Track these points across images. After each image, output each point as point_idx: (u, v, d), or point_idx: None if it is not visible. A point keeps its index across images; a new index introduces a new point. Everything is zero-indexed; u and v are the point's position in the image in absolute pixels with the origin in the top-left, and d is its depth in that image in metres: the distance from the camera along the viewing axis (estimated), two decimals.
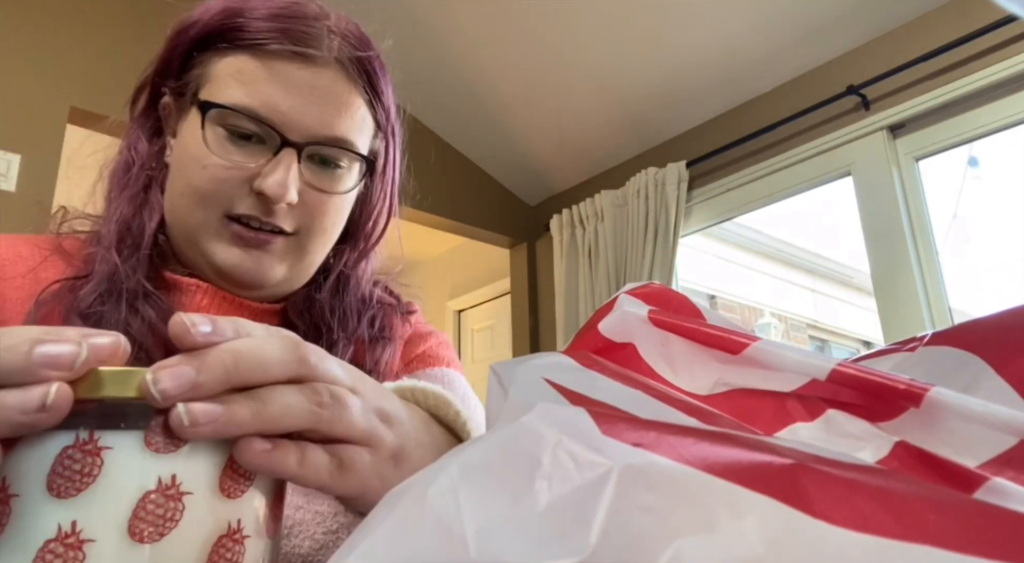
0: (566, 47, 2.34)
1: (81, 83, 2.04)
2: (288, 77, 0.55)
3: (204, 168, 0.54)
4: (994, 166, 3.61)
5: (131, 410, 0.23)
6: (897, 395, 0.28)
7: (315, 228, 0.58)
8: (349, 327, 0.63)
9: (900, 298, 1.90)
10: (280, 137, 0.54)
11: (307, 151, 0.56)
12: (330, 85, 0.57)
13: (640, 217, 2.45)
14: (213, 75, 0.57)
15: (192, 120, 0.57)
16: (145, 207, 0.58)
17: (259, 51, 0.55)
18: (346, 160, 0.59)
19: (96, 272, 0.55)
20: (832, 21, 2.02)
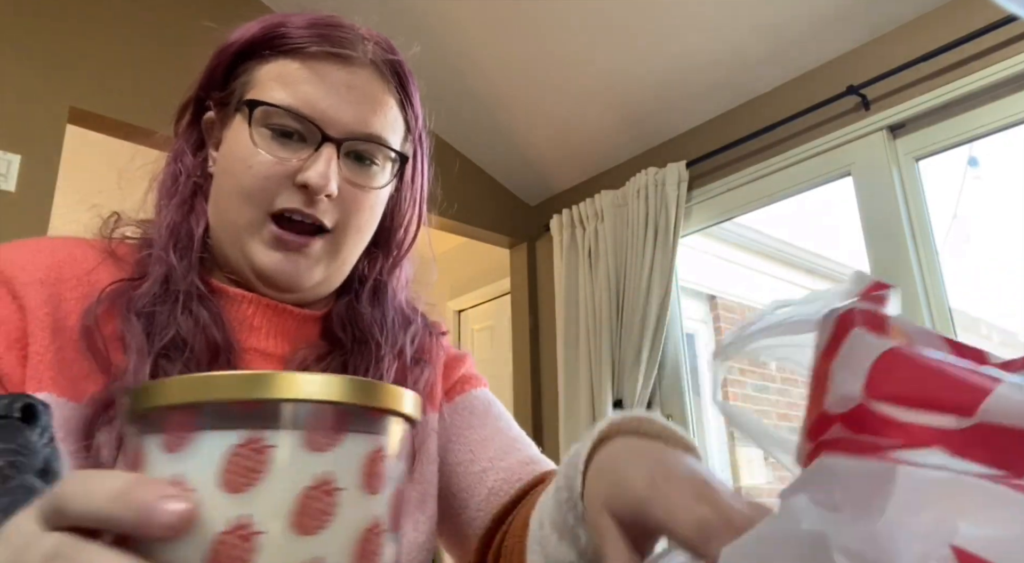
0: (566, 47, 2.34)
1: (81, 83, 2.04)
2: (327, 77, 0.59)
3: (250, 167, 0.58)
4: (994, 166, 3.61)
5: (288, 411, 0.25)
6: None
7: (351, 225, 0.61)
8: (391, 341, 0.66)
9: (900, 298, 1.90)
10: (321, 133, 0.58)
11: (345, 147, 0.59)
12: (365, 85, 0.61)
13: (640, 217, 2.45)
14: (257, 81, 0.61)
15: (237, 125, 0.60)
16: (192, 214, 0.62)
17: (300, 54, 0.60)
18: (380, 158, 0.62)
19: (151, 273, 0.58)
20: (832, 21, 2.02)
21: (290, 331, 0.64)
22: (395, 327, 0.68)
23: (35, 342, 0.52)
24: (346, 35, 0.61)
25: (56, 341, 0.52)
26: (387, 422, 0.27)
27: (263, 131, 0.59)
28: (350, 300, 0.67)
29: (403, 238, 0.72)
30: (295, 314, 0.64)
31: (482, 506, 0.65)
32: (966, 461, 0.22)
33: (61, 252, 0.58)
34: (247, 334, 0.61)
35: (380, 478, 0.26)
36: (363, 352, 0.64)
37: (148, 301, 0.56)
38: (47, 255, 0.57)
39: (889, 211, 1.96)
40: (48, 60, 2.01)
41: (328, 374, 0.25)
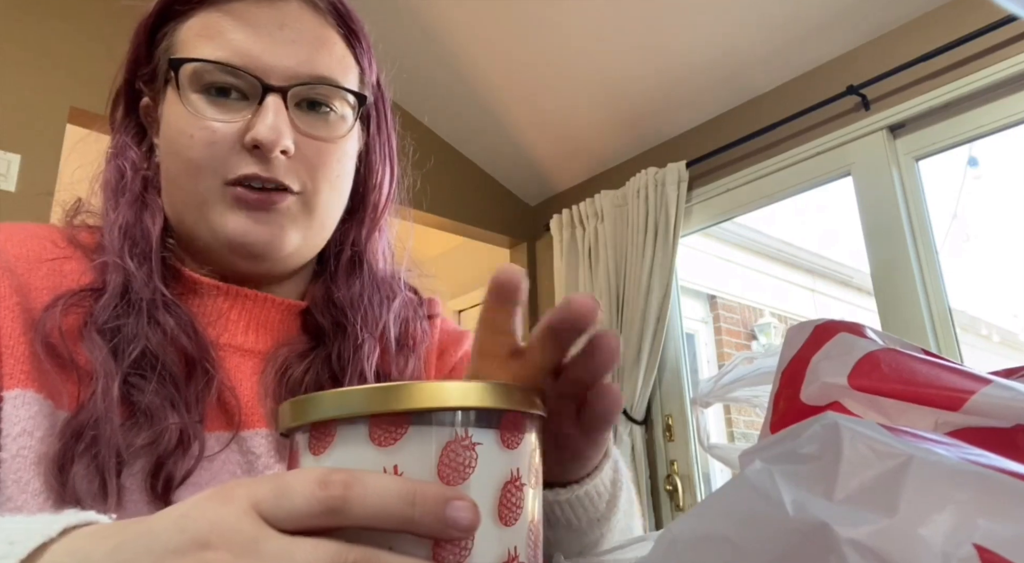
0: (566, 47, 2.34)
1: (81, 83, 2.04)
2: (252, 19, 0.53)
3: (192, 137, 0.52)
4: (994, 166, 3.61)
5: (486, 414, 0.28)
6: None
7: (319, 181, 0.55)
8: (370, 322, 0.60)
9: (900, 298, 1.90)
10: (261, 83, 0.52)
11: (292, 94, 0.53)
12: (298, 20, 0.55)
13: (640, 217, 2.45)
14: (179, 41, 0.55)
15: (171, 98, 0.55)
16: (146, 210, 0.56)
17: (219, 2, 0.54)
18: (337, 103, 0.56)
19: (109, 283, 0.52)
20: (832, 21, 2.02)
21: (271, 324, 0.58)
22: (374, 305, 0.61)
23: (6, 334, 0.48)
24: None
25: (28, 333, 0.48)
26: (536, 422, 0.31)
27: (198, 96, 0.53)
28: (325, 279, 0.62)
29: (378, 199, 0.64)
30: (276, 304, 0.58)
31: None
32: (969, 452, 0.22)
33: (31, 239, 0.54)
34: (223, 329, 0.56)
35: (538, 474, 0.30)
36: (343, 340, 0.58)
37: (110, 315, 0.51)
38: (16, 243, 0.53)
39: (889, 211, 1.97)
40: (48, 60, 2.01)
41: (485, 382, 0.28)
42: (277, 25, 0.54)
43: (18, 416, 0.46)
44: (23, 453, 0.45)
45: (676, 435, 2.39)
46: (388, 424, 0.26)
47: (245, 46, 0.52)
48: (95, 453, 0.46)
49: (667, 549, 0.24)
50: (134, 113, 0.61)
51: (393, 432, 0.26)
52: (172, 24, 0.56)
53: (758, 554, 0.21)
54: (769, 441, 0.25)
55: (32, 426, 0.46)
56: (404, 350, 0.63)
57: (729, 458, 0.54)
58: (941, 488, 0.20)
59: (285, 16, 0.54)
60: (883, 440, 0.22)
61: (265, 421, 0.55)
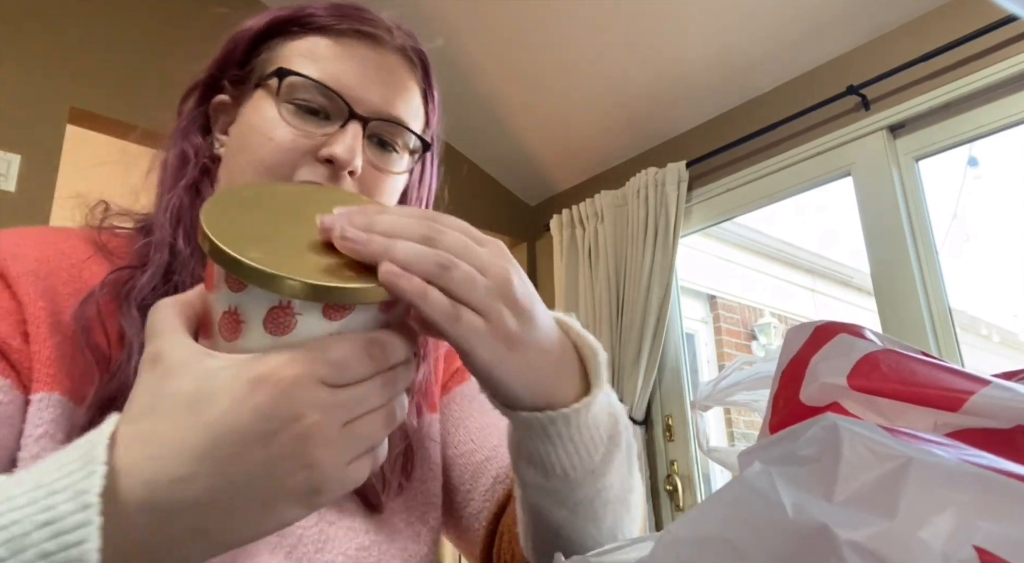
0: (566, 47, 2.34)
1: (81, 83, 2.04)
2: (357, 55, 0.59)
3: (271, 139, 0.56)
4: (994, 166, 3.61)
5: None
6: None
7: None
8: None
9: (900, 298, 1.90)
10: (348, 109, 0.57)
11: (370, 127, 0.58)
12: (394, 68, 0.61)
13: (640, 217, 2.45)
14: (282, 57, 0.60)
15: (258, 100, 0.59)
16: (199, 198, 0.59)
17: (329, 32, 0.60)
18: (400, 144, 0.61)
19: (152, 261, 0.55)
20: (832, 21, 2.02)
21: None
22: None
23: (34, 337, 0.49)
24: (375, 19, 0.62)
25: (54, 336, 0.50)
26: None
27: (288, 106, 0.57)
28: None
29: None
30: None
31: (487, 496, 0.63)
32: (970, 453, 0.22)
33: (49, 244, 0.55)
34: None
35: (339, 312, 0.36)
36: None
37: (150, 292, 0.53)
38: (34, 246, 0.54)
39: (889, 211, 1.97)
40: (48, 60, 2.01)
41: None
42: (376, 66, 0.60)
43: (41, 418, 0.47)
44: (43, 455, 0.46)
45: (676, 435, 2.39)
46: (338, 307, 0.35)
47: (343, 74, 0.58)
48: None
49: (667, 550, 0.24)
50: (203, 107, 0.64)
51: (341, 311, 0.35)
52: (279, 39, 0.61)
53: (757, 556, 0.21)
54: (768, 442, 0.25)
55: (54, 429, 0.48)
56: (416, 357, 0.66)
57: (729, 461, 0.54)
58: (941, 490, 0.20)
59: (384, 61, 0.61)
60: (883, 442, 0.22)
61: None
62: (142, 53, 2.16)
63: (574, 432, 0.44)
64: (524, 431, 0.44)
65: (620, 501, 0.50)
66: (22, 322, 0.49)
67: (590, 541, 0.49)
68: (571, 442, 0.44)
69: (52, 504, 0.29)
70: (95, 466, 0.30)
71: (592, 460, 0.46)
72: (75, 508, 0.29)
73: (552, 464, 0.45)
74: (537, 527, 0.50)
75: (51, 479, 0.30)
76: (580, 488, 0.46)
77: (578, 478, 0.46)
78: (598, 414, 0.45)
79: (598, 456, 0.46)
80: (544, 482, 0.46)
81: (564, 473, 0.45)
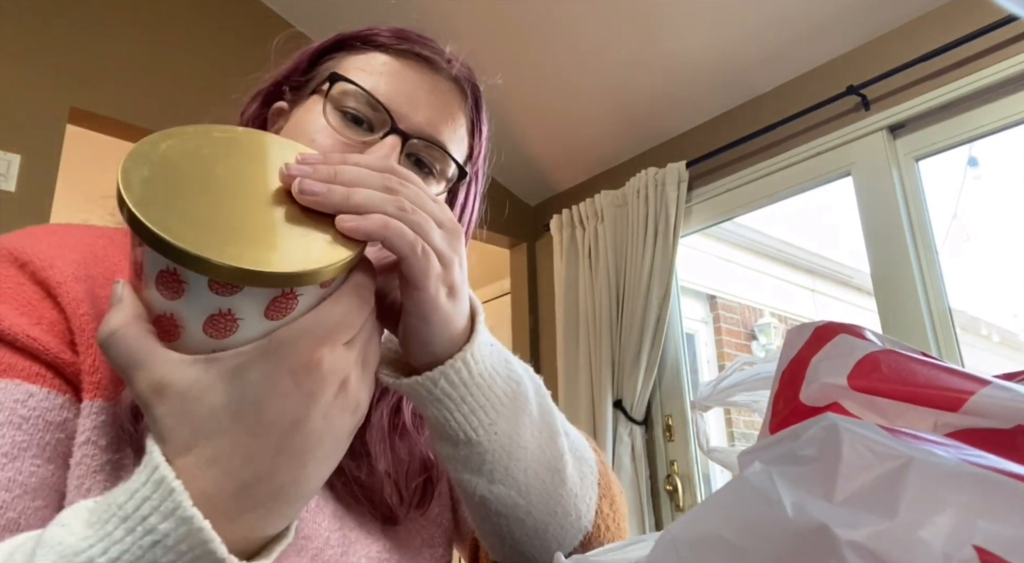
0: (566, 47, 2.34)
1: (81, 83, 2.04)
2: (412, 75, 0.61)
3: (312, 141, 0.57)
4: (994, 166, 3.61)
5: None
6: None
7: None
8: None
9: (900, 298, 1.90)
10: (391, 122, 0.58)
11: (410, 145, 0.59)
12: (446, 94, 0.63)
13: (640, 217, 2.45)
14: (340, 67, 0.62)
15: (310, 104, 0.61)
16: None
17: (388, 50, 0.62)
18: (438, 169, 0.62)
19: None
20: (832, 21, 2.02)
21: None
22: None
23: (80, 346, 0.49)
24: (435, 46, 0.64)
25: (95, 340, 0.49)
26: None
27: (335, 112, 0.59)
28: None
29: None
30: None
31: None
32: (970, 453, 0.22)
33: (85, 246, 0.54)
34: None
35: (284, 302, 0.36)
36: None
37: None
38: (70, 248, 0.53)
39: (889, 211, 1.97)
40: (48, 60, 2.01)
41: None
42: (429, 89, 0.61)
43: (84, 425, 0.47)
44: (85, 461, 0.47)
45: (676, 435, 2.39)
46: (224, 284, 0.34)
47: (394, 90, 0.59)
48: None
49: (667, 549, 0.24)
50: (263, 114, 0.66)
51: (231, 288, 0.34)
52: (343, 53, 0.63)
53: (757, 556, 0.21)
54: (768, 442, 0.25)
55: (96, 435, 0.48)
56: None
57: (729, 461, 0.54)
58: (941, 490, 0.20)
59: (437, 85, 0.62)
60: (883, 441, 0.22)
61: None
62: (142, 53, 2.16)
63: (463, 392, 0.45)
64: (417, 399, 0.46)
65: (548, 469, 0.50)
66: (68, 332, 0.48)
67: (524, 515, 0.50)
68: (463, 403, 0.46)
69: (152, 527, 0.31)
70: (171, 484, 0.32)
71: (493, 421, 0.47)
72: (176, 525, 0.31)
73: (453, 429, 0.46)
74: (473, 510, 0.51)
75: (132, 508, 0.32)
76: (489, 452, 0.47)
77: (483, 441, 0.47)
78: (489, 373, 0.47)
79: (500, 418, 0.47)
80: (453, 451, 0.47)
81: (467, 438, 0.46)
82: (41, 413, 0.46)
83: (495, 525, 0.50)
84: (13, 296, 0.48)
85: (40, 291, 0.49)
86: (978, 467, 0.20)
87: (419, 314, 0.43)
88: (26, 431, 0.44)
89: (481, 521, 0.51)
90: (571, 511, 0.52)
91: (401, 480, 0.59)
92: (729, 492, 0.24)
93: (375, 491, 0.57)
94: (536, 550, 0.52)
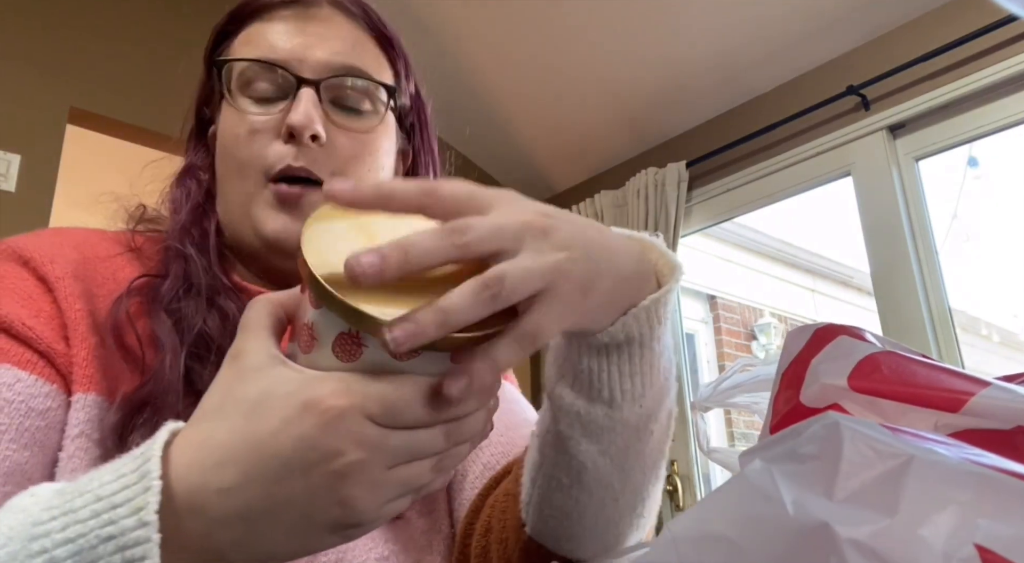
0: (566, 47, 2.34)
1: (81, 83, 2.04)
2: (285, 21, 0.58)
3: (238, 136, 0.57)
4: (994, 166, 3.61)
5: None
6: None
7: (349, 174, 0.58)
8: None
9: (900, 298, 1.90)
10: (294, 77, 0.56)
11: (324, 86, 0.57)
12: (330, 19, 0.60)
13: (640, 217, 2.45)
14: (229, 53, 0.60)
15: (224, 108, 0.60)
16: (205, 216, 0.61)
17: (261, 12, 0.60)
18: (369, 100, 0.60)
19: (172, 271, 0.56)
20: (832, 21, 2.02)
21: None
22: None
23: (73, 340, 0.50)
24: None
25: (91, 337, 0.50)
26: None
27: (243, 99, 0.57)
28: None
29: None
30: None
31: (476, 484, 0.61)
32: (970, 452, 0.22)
33: (87, 246, 0.56)
34: None
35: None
36: None
37: (173, 297, 0.54)
38: (72, 248, 0.54)
39: (889, 211, 1.97)
40: (48, 60, 2.01)
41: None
42: (310, 25, 0.58)
43: (77, 418, 0.48)
44: (78, 454, 0.47)
45: (676, 435, 2.38)
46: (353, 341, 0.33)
47: (280, 45, 0.57)
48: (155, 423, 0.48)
49: (667, 548, 0.24)
50: (203, 138, 0.65)
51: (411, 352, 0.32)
52: (225, 43, 0.62)
53: (758, 553, 0.21)
54: (769, 441, 0.25)
55: (89, 429, 0.48)
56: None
57: (729, 462, 0.54)
58: (942, 488, 0.20)
59: (316, 16, 0.59)
60: (884, 440, 0.22)
61: None
62: (142, 53, 2.16)
63: (635, 350, 0.41)
64: (580, 343, 0.41)
65: (653, 464, 0.46)
66: (63, 326, 0.49)
67: (611, 500, 0.46)
68: (628, 362, 0.41)
69: (114, 519, 0.30)
70: (151, 481, 0.30)
71: (642, 394, 0.42)
72: (135, 524, 0.30)
73: (601, 384, 0.42)
74: (555, 473, 0.46)
75: (110, 492, 0.31)
76: (621, 423, 0.43)
77: (623, 409, 0.42)
78: (664, 340, 0.43)
79: (648, 392, 0.43)
80: (586, 407, 0.43)
81: (611, 399, 0.42)
82: (26, 398, 0.46)
83: (574, 499, 0.46)
84: (14, 289, 0.50)
85: (40, 286, 0.50)
86: (979, 466, 0.20)
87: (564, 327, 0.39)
88: (8, 414, 0.45)
89: (554, 490, 0.47)
90: (647, 514, 0.49)
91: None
92: (730, 490, 0.24)
93: None
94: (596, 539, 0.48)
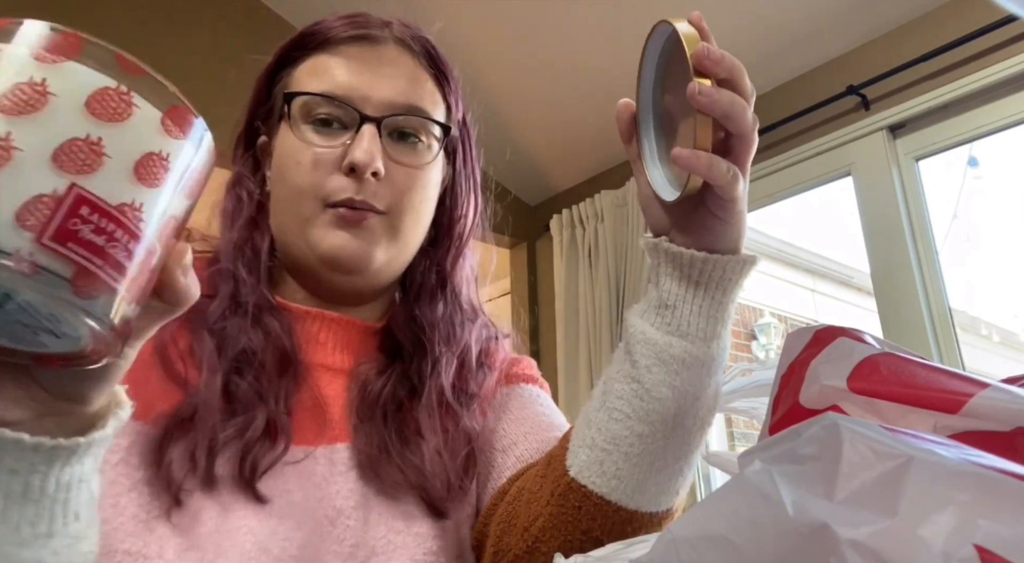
0: (566, 46, 2.34)
1: None
2: (355, 57, 0.61)
3: (298, 163, 0.59)
4: (994, 166, 3.61)
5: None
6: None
7: (404, 206, 0.61)
8: (452, 340, 0.66)
9: (900, 298, 1.90)
10: (358, 113, 0.59)
11: (385, 124, 0.60)
12: (395, 59, 0.63)
13: (640, 217, 2.45)
14: (292, 82, 0.62)
15: (283, 131, 0.62)
16: (256, 230, 0.63)
17: (328, 46, 0.62)
18: (424, 134, 0.63)
19: (220, 290, 0.58)
20: (832, 21, 2.02)
21: (353, 344, 0.64)
22: (455, 324, 0.68)
23: None
24: (371, 20, 0.64)
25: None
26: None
27: (305, 127, 0.59)
28: (408, 301, 0.68)
29: (463, 228, 0.73)
30: (358, 326, 0.65)
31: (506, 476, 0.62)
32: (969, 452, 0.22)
33: None
34: (314, 350, 0.62)
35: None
36: (422, 357, 0.64)
37: (219, 317, 0.56)
38: None
39: (889, 211, 1.96)
40: None
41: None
42: (376, 63, 0.61)
43: (118, 445, 0.49)
44: (120, 480, 0.49)
45: None
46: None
47: (346, 81, 0.60)
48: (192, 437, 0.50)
49: (666, 549, 0.24)
50: (252, 149, 0.68)
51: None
52: (288, 69, 0.64)
53: (758, 554, 0.21)
54: (769, 442, 0.25)
55: (128, 454, 0.50)
56: (483, 368, 0.69)
57: (728, 466, 0.54)
58: (942, 489, 0.20)
59: (384, 56, 0.62)
60: (883, 440, 0.22)
61: (349, 436, 0.59)
62: (141, 52, 2.15)
63: (717, 295, 0.48)
64: (687, 276, 0.48)
65: (700, 423, 0.50)
66: None
67: (654, 443, 0.49)
68: (709, 301, 0.48)
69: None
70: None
71: (712, 334, 0.49)
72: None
73: (680, 319, 0.48)
74: (619, 401, 0.52)
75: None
76: (691, 355, 0.48)
77: (696, 342, 0.48)
78: (731, 310, 0.50)
79: (715, 341, 0.49)
80: (663, 337, 0.49)
81: (685, 331, 0.48)
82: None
83: (630, 428, 0.50)
84: None
85: None
86: (979, 466, 0.20)
87: (719, 206, 0.49)
88: None
89: (615, 421, 0.51)
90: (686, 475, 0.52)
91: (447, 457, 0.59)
92: (729, 491, 0.24)
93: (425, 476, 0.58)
94: (639, 479, 0.50)
